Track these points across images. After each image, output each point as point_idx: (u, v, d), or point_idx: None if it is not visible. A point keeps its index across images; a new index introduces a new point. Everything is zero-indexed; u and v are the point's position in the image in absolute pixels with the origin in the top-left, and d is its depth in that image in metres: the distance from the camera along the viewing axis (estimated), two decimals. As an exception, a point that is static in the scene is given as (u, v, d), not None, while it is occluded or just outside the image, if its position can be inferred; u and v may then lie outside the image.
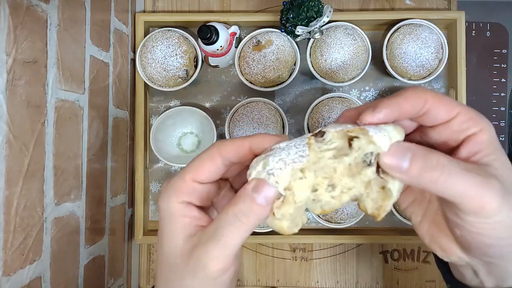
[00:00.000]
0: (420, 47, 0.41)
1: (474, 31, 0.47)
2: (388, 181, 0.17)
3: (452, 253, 0.19)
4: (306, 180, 0.17)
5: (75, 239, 0.32)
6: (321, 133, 0.17)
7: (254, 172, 0.17)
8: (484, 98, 0.47)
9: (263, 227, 0.43)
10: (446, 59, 0.41)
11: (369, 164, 0.17)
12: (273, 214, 0.17)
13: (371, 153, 0.17)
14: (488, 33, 0.47)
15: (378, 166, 0.17)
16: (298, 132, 0.45)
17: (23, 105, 0.25)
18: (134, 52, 0.44)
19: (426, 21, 0.42)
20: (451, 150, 0.18)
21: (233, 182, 0.21)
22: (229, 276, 0.17)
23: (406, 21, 0.42)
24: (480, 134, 0.17)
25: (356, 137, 0.17)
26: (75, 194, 0.32)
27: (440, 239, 0.19)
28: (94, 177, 0.35)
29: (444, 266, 0.22)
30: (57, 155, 0.28)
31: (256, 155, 0.18)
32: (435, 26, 0.42)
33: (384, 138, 0.16)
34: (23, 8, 0.24)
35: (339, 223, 0.42)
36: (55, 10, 0.28)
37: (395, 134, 0.16)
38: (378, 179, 0.17)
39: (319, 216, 0.43)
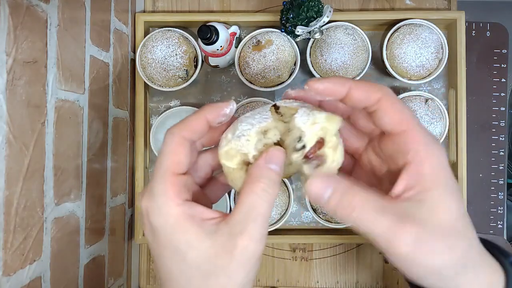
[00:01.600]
0: (420, 47, 0.41)
1: (474, 31, 0.47)
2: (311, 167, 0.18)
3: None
4: (270, 140, 0.19)
5: (75, 239, 0.32)
6: (276, 107, 0.19)
7: (225, 141, 0.18)
8: (484, 98, 0.47)
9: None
10: (446, 59, 0.41)
11: (296, 149, 0.18)
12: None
13: (300, 138, 0.18)
14: (488, 33, 0.47)
15: (311, 151, 0.18)
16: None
17: (23, 105, 0.25)
18: (134, 52, 0.44)
19: (426, 21, 0.42)
20: (393, 174, 0.18)
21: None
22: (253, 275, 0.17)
23: (406, 21, 0.42)
24: (422, 164, 0.16)
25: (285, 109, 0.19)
26: (75, 194, 0.31)
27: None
28: (94, 177, 0.35)
29: None
30: (57, 155, 0.28)
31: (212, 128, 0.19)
32: (435, 26, 0.42)
33: (305, 123, 0.17)
34: (23, 8, 0.24)
35: (339, 223, 0.42)
36: (55, 10, 0.28)
37: (323, 121, 0.17)
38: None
39: (319, 216, 0.43)
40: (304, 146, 0.18)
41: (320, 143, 0.17)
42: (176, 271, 0.16)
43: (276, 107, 0.19)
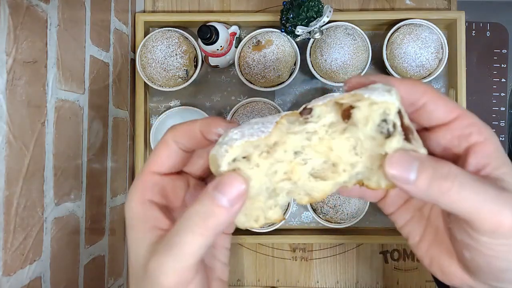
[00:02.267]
0: (420, 47, 0.41)
1: (474, 31, 0.47)
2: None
3: (455, 277, 0.17)
4: (258, 168, 0.15)
5: (75, 239, 0.32)
6: (308, 110, 0.15)
7: (215, 146, 0.15)
8: (484, 98, 0.47)
9: (263, 227, 0.43)
10: (446, 59, 0.41)
11: (389, 134, 0.14)
12: None
13: (385, 120, 0.14)
14: (488, 33, 0.47)
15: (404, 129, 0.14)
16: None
17: (23, 105, 0.25)
18: (134, 52, 0.44)
19: (426, 21, 0.42)
20: (453, 163, 0.15)
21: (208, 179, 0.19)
22: None
23: (406, 21, 0.42)
24: (486, 144, 0.15)
25: (351, 106, 0.15)
26: (75, 194, 0.31)
27: (442, 261, 0.17)
28: (94, 177, 0.35)
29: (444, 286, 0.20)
30: (57, 155, 0.28)
31: (209, 141, 0.16)
32: (435, 26, 0.42)
33: (385, 94, 0.14)
34: (23, 8, 0.24)
35: (339, 223, 0.42)
36: (55, 10, 0.28)
37: (391, 89, 0.14)
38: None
39: (319, 216, 0.43)
40: (394, 126, 0.14)
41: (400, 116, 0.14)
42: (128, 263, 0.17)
43: (306, 111, 0.15)
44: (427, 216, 0.18)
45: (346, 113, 0.15)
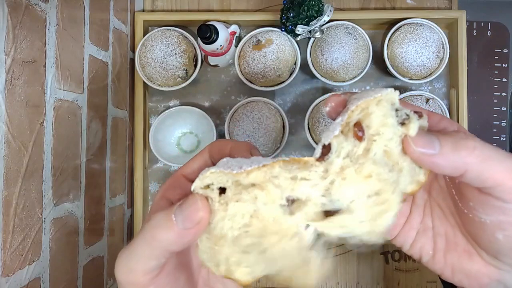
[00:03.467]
0: (421, 46, 0.41)
1: (475, 31, 0.47)
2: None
3: (483, 275, 0.16)
4: (226, 206, 0.14)
5: (74, 240, 0.32)
6: (327, 148, 0.14)
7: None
8: (485, 98, 0.47)
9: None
10: (447, 58, 0.41)
11: (404, 122, 0.14)
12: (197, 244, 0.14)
13: (397, 110, 0.15)
14: (489, 33, 0.47)
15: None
16: (298, 132, 0.45)
17: (22, 105, 0.25)
18: (133, 51, 0.44)
19: (427, 21, 0.42)
20: None
21: None
22: None
23: (407, 20, 0.42)
24: (466, 134, 0.16)
25: (356, 125, 0.14)
26: (74, 194, 0.32)
27: (463, 264, 0.17)
28: (93, 177, 0.35)
29: None
30: (55, 155, 0.28)
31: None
32: (436, 25, 0.42)
33: (378, 91, 0.14)
34: (22, 7, 0.24)
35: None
36: (54, 10, 0.28)
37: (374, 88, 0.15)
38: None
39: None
40: (407, 114, 0.15)
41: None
42: None
43: (325, 150, 0.14)
44: (431, 226, 0.18)
45: (357, 133, 0.14)
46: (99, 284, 0.37)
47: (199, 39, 0.39)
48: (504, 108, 0.47)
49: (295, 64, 0.42)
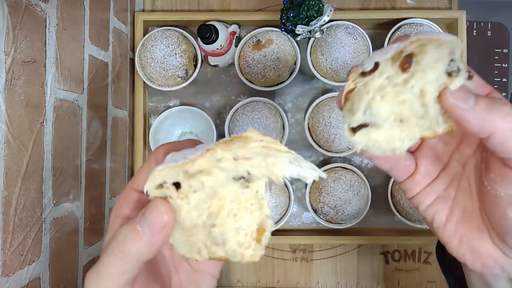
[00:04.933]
0: (421, 46, 0.41)
1: (475, 31, 0.47)
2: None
3: (488, 256, 0.16)
4: (188, 199, 0.14)
5: (74, 240, 0.32)
6: (375, 66, 0.15)
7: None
8: None
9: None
10: (447, 58, 0.42)
11: (457, 72, 0.15)
12: None
13: (452, 60, 0.15)
14: (489, 33, 0.47)
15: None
16: (298, 132, 0.45)
17: (22, 105, 0.25)
18: (133, 51, 0.44)
19: (427, 21, 0.42)
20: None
21: None
22: None
23: (407, 20, 0.42)
24: None
25: (409, 56, 0.14)
26: (74, 194, 0.32)
27: (472, 239, 0.17)
28: (93, 177, 0.35)
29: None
30: (55, 155, 0.28)
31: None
32: (436, 25, 0.42)
33: (447, 35, 0.14)
34: (22, 7, 0.24)
35: (339, 223, 0.42)
36: (54, 10, 0.28)
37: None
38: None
39: (319, 217, 0.43)
40: (458, 68, 0.15)
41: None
42: None
43: (375, 66, 0.15)
44: (453, 196, 0.18)
45: (404, 64, 0.15)
46: (99, 284, 0.37)
47: (199, 39, 0.39)
48: (504, 108, 0.47)
49: (295, 64, 0.42)
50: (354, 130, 0.16)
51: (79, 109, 0.32)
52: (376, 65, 0.15)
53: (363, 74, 0.15)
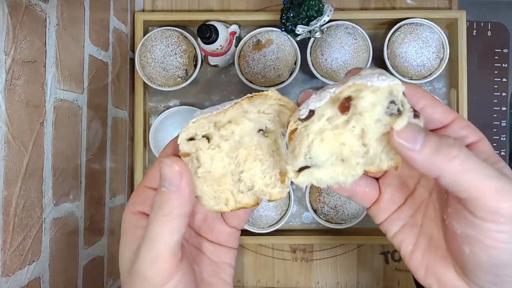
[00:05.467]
0: (421, 46, 0.41)
1: (475, 31, 0.47)
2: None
3: (452, 285, 0.16)
4: (219, 149, 0.16)
5: (74, 240, 0.32)
6: (311, 112, 0.15)
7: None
8: (485, 98, 0.47)
9: (263, 228, 0.43)
10: (447, 58, 0.41)
11: (399, 113, 0.15)
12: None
13: (393, 102, 0.15)
14: (489, 33, 0.47)
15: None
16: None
17: (22, 105, 0.25)
18: (133, 51, 0.44)
19: (427, 21, 0.42)
20: None
21: None
22: (175, 285, 0.15)
23: (407, 20, 0.42)
24: (482, 143, 0.16)
25: (348, 99, 0.15)
26: (74, 194, 0.32)
27: (437, 269, 0.17)
28: (93, 177, 0.35)
29: None
30: (55, 155, 0.28)
31: None
32: (436, 25, 0.42)
33: (386, 79, 0.15)
34: (22, 7, 0.24)
35: (339, 223, 0.42)
36: (54, 10, 0.28)
37: (392, 79, 0.15)
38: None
39: (319, 217, 0.43)
40: (399, 110, 0.15)
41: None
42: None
43: (310, 114, 0.16)
44: (420, 224, 0.18)
45: (342, 107, 0.16)
46: (99, 285, 0.37)
47: (199, 39, 0.39)
48: (504, 108, 0.47)
49: (295, 64, 0.42)
50: (299, 171, 0.16)
51: (79, 109, 0.32)
52: (312, 112, 0.16)
53: (300, 120, 0.16)
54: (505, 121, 0.47)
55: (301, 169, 0.16)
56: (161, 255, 0.15)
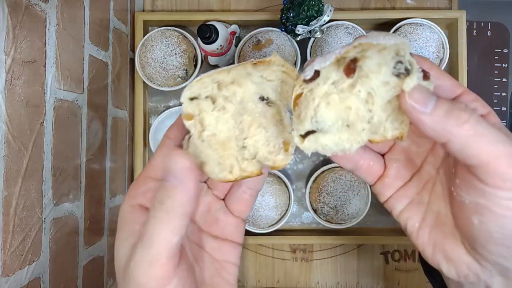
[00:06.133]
0: (421, 46, 0.41)
1: (475, 31, 0.47)
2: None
3: (461, 263, 0.16)
4: (224, 110, 0.15)
5: (74, 240, 0.32)
6: (317, 74, 0.15)
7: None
8: (485, 98, 0.46)
9: (263, 228, 0.43)
10: (447, 58, 0.42)
11: (407, 74, 0.14)
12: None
13: (400, 62, 0.14)
14: (489, 33, 0.47)
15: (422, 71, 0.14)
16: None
17: (22, 105, 0.25)
18: (133, 51, 0.44)
19: (427, 21, 0.42)
20: None
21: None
22: None
23: (407, 20, 0.42)
24: (491, 116, 0.16)
25: (353, 61, 0.15)
26: (74, 194, 0.32)
27: (446, 245, 0.16)
28: (93, 177, 0.35)
29: None
30: (55, 155, 0.28)
31: None
32: (436, 25, 0.42)
33: (391, 38, 0.14)
34: (22, 7, 0.24)
35: (339, 223, 0.42)
36: (54, 10, 0.28)
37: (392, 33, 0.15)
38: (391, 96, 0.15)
39: (319, 217, 0.43)
40: (407, 69, 0.14)
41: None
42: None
43: (315, 75, 0.15)
44: (427, 201, 0.18)
45: (348, 69, 0.15)
46: (99, 285, 0.37)
47: (199, 39, 0.39)
48: (504, 108, 0.47)
49: (295, 64, 0.42)
50: (304, 136, 0.16)
51: (79, 109, 0.32)
52: (317, 73, 0.15)
53: (305, 81, 0.15)
54: (505, 121, 0.47)
55: (306, 135, 0.16)
56: (158, 258, 0.14)
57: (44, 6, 0.27)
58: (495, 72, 0.47)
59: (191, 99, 0.16)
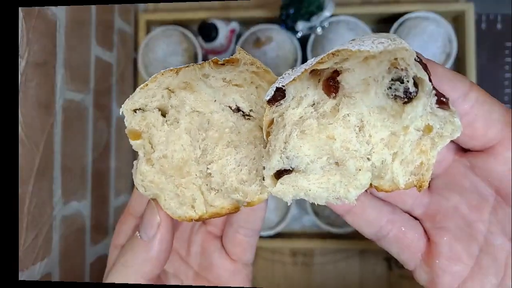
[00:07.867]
0: (426, 41, 0.40)
1: (483, 24, 0.46)
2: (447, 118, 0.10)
3: None
4: (178, 124, 0.11)
5: (81, 238, 0.34)
6: (281, 93, 0.11)
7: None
8: (495, 95, 0.44)
9: (263, 230, 0.43)
10: (454, 53, 0.41)
11: (407, 97, 0.09)
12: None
13: (397, 79, 0.10)
14: (498, 26, 0.46)
15: (438, 95, 0.10)
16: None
17: (34, 106, 0.27)
18: (136, 51, 0.46)
19: (432, 14, 0.41)
20: None
21: None
22: None
23: (411, 14, 0.41)
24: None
25: (336, 73, 0.10)
26: (81, 193, 0.34)
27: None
28: (99, 176, 0.37)
29: None
30: (64, 155, 0.31)
31: None
32: (442, 18, 0.41)
33: (384, 41, 0.10)
34: (35, 11, 0.27)
35: (341, 227, 0.42)
36: (63, 13, 0.30)
37: (388, 35, 0.10)
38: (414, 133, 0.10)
39: (321, 220, 0.43)
40: (407, 92, 0.10)
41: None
42: None
43: (278, 94, 0.11)
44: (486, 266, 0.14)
45: (327, 85, 0.11)
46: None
47: (199, 37, 0.41)
48: (514, 104, 0.47)
49: (295, 61, 0.43)
50: (277, 177, 0.11)
51: (85, 110, 0.35)
52: (282, 92, 0.11)
53: (268, 103, 0.11)
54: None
55: (280, 175, 0.11)
56: None
57: (54, 9, 0.29)
58: (505, 67, 0.46)
59: (135, 111, 0.12)
